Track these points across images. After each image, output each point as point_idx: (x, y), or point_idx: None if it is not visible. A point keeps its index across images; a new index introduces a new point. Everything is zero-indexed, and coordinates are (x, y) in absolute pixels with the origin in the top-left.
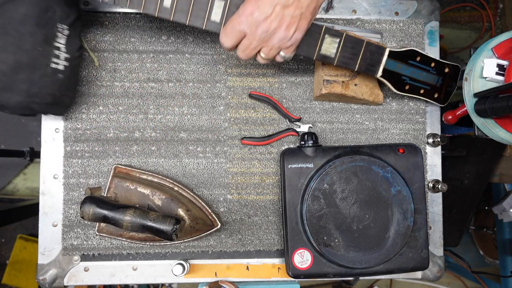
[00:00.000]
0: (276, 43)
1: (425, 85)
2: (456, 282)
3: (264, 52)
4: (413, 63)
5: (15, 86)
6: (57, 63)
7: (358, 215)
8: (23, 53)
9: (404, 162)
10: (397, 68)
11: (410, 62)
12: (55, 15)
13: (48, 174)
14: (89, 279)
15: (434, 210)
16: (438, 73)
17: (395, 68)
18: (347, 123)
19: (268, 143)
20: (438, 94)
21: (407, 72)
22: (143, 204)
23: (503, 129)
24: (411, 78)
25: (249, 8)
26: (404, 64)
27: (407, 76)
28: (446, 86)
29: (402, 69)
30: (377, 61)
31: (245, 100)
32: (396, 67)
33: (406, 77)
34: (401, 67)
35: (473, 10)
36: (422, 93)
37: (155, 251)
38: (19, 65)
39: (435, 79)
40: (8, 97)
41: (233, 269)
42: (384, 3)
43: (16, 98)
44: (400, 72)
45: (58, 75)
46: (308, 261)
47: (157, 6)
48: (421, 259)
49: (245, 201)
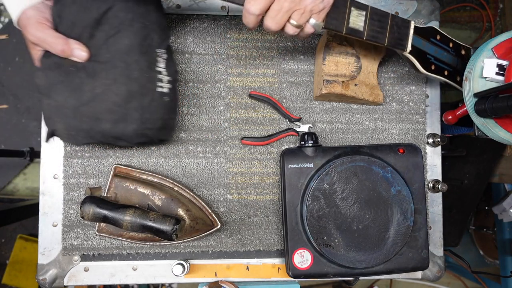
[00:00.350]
0: (309, 4)
1: (448, 66)
2: (456, 282)
3: (295, 18)
4: (434, 42)
5: (129, 115)
6: (162, 87)
7: (358, 215)
8: (133, 82)
9: (404, 162)
10: (422, 46)
11: (432, 40)
12: (153, 41)
13: (48, 174)
14: (89, 279)
15: (434, 210)
16: (457, 55)
17: (420, 45)
18: (347, 123)
19: (268, 143)
20: (460, 78)
21: (431, 50)
22: (143, 204)
23: (503, 129)
24: (436, 58)
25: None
26: (427, 42)
27: (432, 55)
28: (464, 69)
29: (427, 47)
30: (405, 35)
31: (245, 100)
32: (421, 44)
33: (431, 56)
34: (425, 45)
35: (473, 10)
36: (446, 75)
37: (155, 251)
38: (131, 94)
39: (455, 61)
40: (123, 127)
41: (233, 269)
42: (384, 3)
43: (131, 127)
44: (425, 50)
45: (164, 98)
46: (308, 261)
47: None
48: (421, 259)
49: (245, 201)
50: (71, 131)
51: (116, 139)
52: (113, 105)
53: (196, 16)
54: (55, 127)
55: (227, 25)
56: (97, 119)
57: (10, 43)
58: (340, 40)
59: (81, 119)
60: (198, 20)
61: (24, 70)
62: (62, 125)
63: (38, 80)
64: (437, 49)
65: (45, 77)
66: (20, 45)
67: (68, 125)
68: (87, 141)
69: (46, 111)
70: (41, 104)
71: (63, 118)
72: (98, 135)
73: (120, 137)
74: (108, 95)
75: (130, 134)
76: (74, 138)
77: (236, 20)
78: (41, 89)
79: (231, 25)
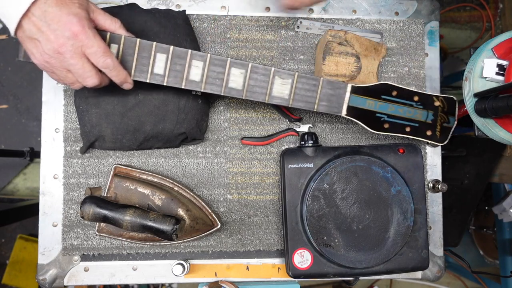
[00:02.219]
0: None
1: (411, 122)
2: (456, 282)
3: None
4: (388, 99)
5: (167, 116)
6: (196, 91)
7: (358, 215)
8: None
9: (404, 162)
10: (368, 105)
11: (383, 97)
12: None
13: (48, 174)
14: (89, 279)
15: (434, 210)
16: (427, 107)
17: (365, 105)
18: (347, 123)
19: (268, 143)
20: (432, 132)
21: (383, 108)
22: (143, 204)
23: (503, 129)
24: (390, 115)
25: None
26: (376, 100)
27: (384, 114)
28: (442, 121)
29: (375, 106)
30: (340, 99)
31: (245, 100)
32: (366, 104)
33: (382, 114)
34: (373, 104)
35: (473, 10)
36: (408, 131)
37: (155, 251)
38: (168, 98)
39: (423, 115)
40: (162, 127)
41: (233, 269)
42: (384, 3)
43: (168, 126)
44: (372, 110)
45: (198, 100)
46: (308, 261)
47: None
48: (421, 259)
49: (245, 201)
50: (118, 134)
51: (157, 140)
52: (153, 108)
53: (196, 16)
54: (102, 133)
55: (227, 25)
56: (140, 121)
57: (10, 43)
58: (340, 40)
59: (127, 123)
60: (198, 20)
61: (24, 70)
62: (110, 130)
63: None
64: (392, 106)
65: (93, 91)
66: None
67: (116, 129)
68: (130, 144)
69: (94, 119)
70: (85, 114)
71: (111, 123)
72: (141, 136)
73: (157, 136)
74: (149, 99)
75: (167, 133)
76: (119, 142)
77: (236, 20)
78: (89, 101)
79: (231, 25)
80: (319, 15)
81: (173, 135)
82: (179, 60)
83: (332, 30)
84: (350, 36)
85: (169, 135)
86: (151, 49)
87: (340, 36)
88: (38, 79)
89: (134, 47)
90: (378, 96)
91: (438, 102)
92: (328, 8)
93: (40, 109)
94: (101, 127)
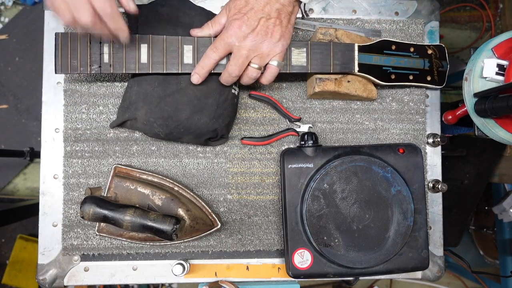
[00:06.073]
0: (265, 50)
1: (412, 70)
2: (456, 282)
3: (255, 62)
4: (390, 53)
5: (205, 108)
6: (235, 89)
7: (358, 215)
8: (213, 80)
9: (404, 162)
10: (375, 61)
11: (386, 52)
12: None
13: (48, 174)
14: (89, 279)
15: (434, 210)
16: (422, 56)
17: (371, 61)
18: (347, 123)
19: (268, 143)
20: (431, 77)
21: (387, 62)
22: (143, 204)
23: (503, 129)
24: (394, 67)
25: (237, 23)
26: (380, 55)
27: (389, 66)
28: (437, 66)
29: (380, 61)
30: (350, 58)
31: (245, 100)
32: (373, 60)
33: (387, 67)
34: (378, 59)
35: (473, 10)
36: (412, 79)
37: (155, 251)
38: (210, 90)
39: (421, 63)
40: (198, 118)
41: (233, 269)
42: (384, 3)
43: (204, 119)
44: (379, 64)
45: (234, 99)
46: (308, 261)
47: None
48: (421, 259)
49: (245, 201)
50: (150, 117)
51: (187, 132)
52: (193, 98)
53: None
54: (137, 112)
55: None
56: (176, 109)
57: (10, 43)
58: (331, 37)
59: (163, 108)
60: None
61: (24, 70)
62: (145, 110)
63: None
64: (394, 58)
65: None
66: (20, 45)
67: (151, 111)
68: (159, 130)
69: (133, 97)
70: (128, 90)
71: (148, 104)
72: (173, 124)
73: (191, 128)
74: (190, 89)
75: (201, 125)
76: (150, 125)
77: None
78: (136, 79)
79: None
80: (319, 15)
81: (205, 129)
82: (205, 49)
83: (323, 27)
84: (341, 33)
85: (201, 128)
86: (178, 42)
87: (330, 34)
88: (38, 79)
89: (162, 43)
90: (381, 51)
91: (431, 50)
92: (328, 8)
93: (40, 109)
94: (137, 105)
